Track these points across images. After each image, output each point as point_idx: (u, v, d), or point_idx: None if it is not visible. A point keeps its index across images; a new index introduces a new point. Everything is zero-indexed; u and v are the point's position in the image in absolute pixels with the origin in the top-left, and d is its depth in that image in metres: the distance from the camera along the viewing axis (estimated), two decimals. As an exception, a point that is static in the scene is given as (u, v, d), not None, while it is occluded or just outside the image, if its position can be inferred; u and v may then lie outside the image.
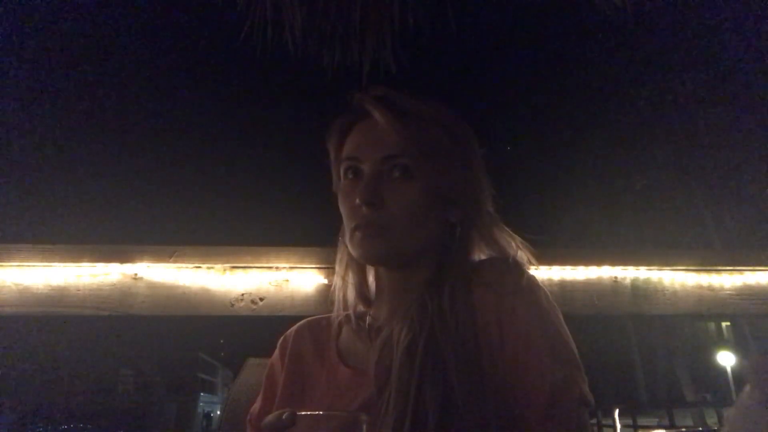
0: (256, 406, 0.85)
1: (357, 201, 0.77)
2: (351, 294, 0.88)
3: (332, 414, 0.59)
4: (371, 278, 0.88)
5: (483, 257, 0.82)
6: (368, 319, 0.85)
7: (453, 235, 0.82)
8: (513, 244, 0.82)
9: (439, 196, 0.80)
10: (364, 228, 0.77)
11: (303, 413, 0.55)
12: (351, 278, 0.88)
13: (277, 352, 0.89)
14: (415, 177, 0.78)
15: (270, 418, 0.56)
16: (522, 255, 0.81)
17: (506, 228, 0.83)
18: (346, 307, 0.88)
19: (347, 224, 0.80)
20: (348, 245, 0.81)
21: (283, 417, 0.55)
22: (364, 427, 0.55)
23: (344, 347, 0.83)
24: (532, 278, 0.74)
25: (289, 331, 0.91)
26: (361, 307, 0.88)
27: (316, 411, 0.57)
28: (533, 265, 0.80)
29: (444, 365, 0.65)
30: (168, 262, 1.58)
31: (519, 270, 0.75)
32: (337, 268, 0.90)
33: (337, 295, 0.88)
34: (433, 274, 0.78)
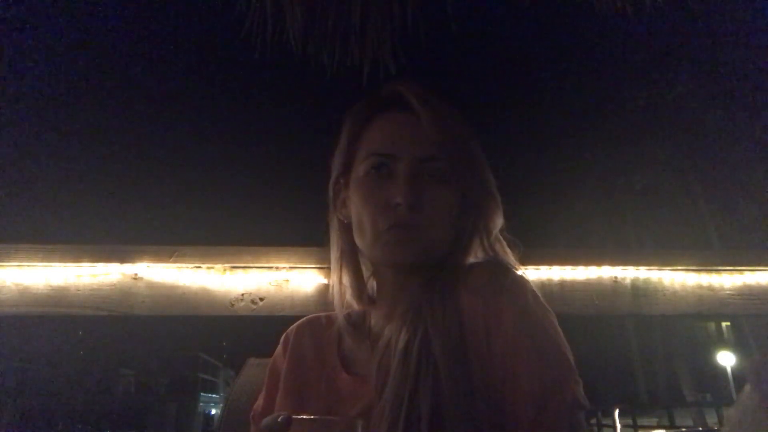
0: (260, 402, 0.85)
1: (396, 200, 0.73)
2: (348, 294, 0.86)
3: (329, 419, 0.60)
4: (366, 274, 0.87)
5: (474, 260, 0.80)
6: (368, 320, 0.84)
7: (458, 239, 0.80)
8: (504, 248, 0.81)
9: (463, 201, 0.78)
10: (403, 230, 0.73)
11: (299, 417, 0.56)
12: (347, 278, 0.86)
13: (279, 348, 0.89)
14: (449, 181, 0.76)
15: (267, 420, 0.57)
16: (511, 258, 0.80)
17: (498, 234, 0.82)
18: (346, 306, 0.87)
19: (374, 222, 0.75)
20: (367, 244, 0.78)
21: (279, 420, 0.55)
22: None
23: (346, 353, 0.82)
24: (521, 280, 0.72)
25: (291, 328, 0.91)
26: (360, 307, 0.87)
27: (314, 415, 0.58)
28: (520, 268, 0.78)
29: (436, 370, 0.65)
30: (168, 262, 1.58)
31: (508, 273, 0.73)
32: (333, 266, 0.88)
33: (336, 295, 0.87)
34: (432, 277, 0.76)
